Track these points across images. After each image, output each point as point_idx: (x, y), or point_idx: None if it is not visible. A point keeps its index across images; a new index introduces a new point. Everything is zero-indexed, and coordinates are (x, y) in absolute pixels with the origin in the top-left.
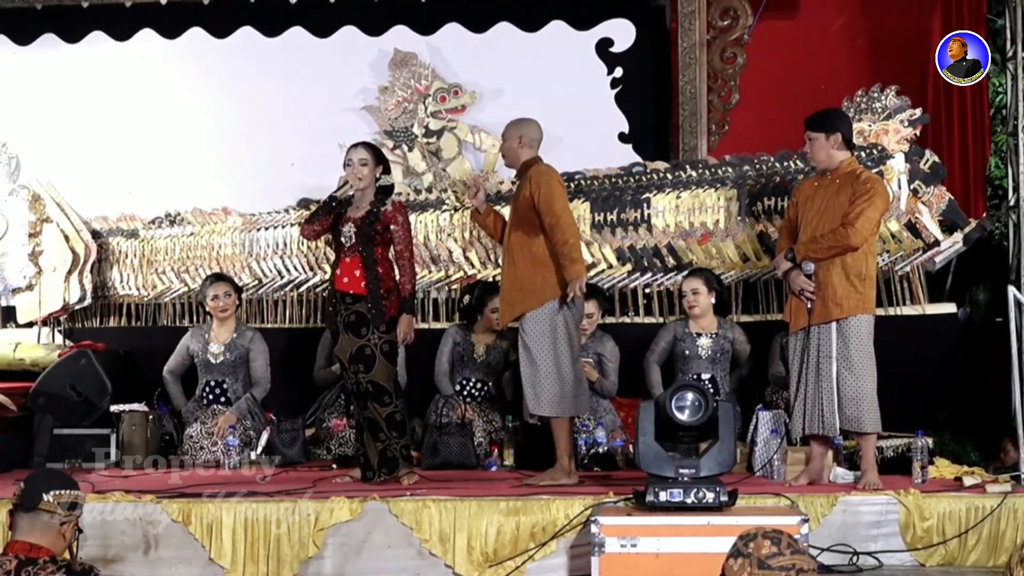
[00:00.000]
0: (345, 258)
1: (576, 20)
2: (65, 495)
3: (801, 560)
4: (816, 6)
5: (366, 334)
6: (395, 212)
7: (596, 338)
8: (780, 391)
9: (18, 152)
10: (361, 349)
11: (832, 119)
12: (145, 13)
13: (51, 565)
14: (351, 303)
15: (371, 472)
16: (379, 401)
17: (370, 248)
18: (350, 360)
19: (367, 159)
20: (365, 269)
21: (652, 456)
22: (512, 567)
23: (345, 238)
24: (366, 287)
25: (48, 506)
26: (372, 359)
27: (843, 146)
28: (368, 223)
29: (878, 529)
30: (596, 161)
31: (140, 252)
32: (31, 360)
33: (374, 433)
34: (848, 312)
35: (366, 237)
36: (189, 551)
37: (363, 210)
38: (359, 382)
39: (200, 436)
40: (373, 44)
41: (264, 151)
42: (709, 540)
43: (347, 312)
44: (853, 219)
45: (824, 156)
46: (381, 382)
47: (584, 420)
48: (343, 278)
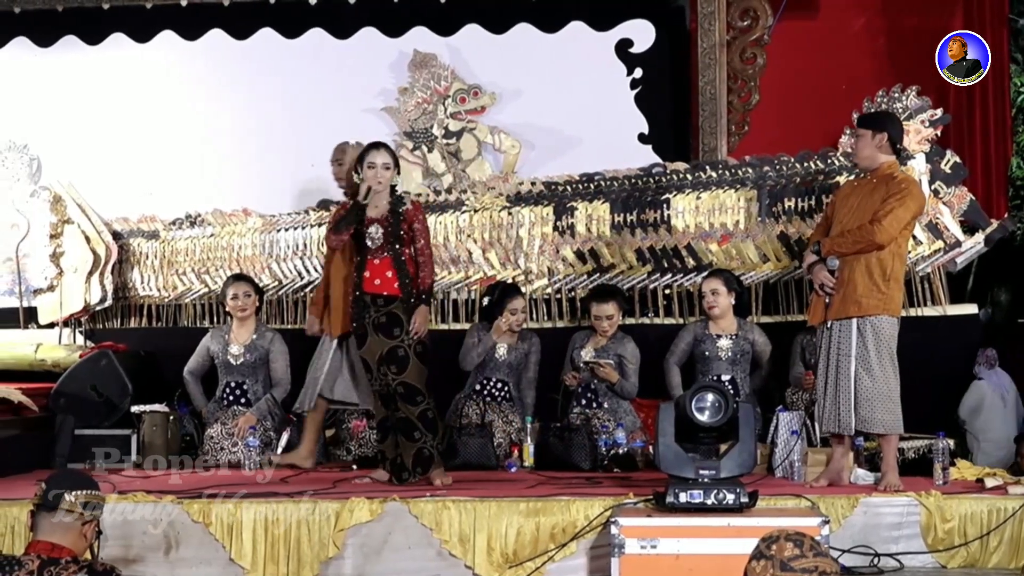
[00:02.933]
0: (373, 259)
1: (596, 21)
2: (86, 495)
3: (823, 563)
4: (836, 6)
5: (399, 335)
6: (415, 211)
7: (617, 339)
8: (800, 392)
9: (39, 153)
10: (394, 350)
11: (882, 119)
12: (165, 15)
13: (73, 565)
14: (383, 305)
15: (406, 472)
16: (411, 401)
17: (398, 248)
18: (380, 361)
19: (390, 162)
20: (397, 270)
21: (672, 457)
22: (532, 568)
23: (371, 240)
24: (399, 288)
25: (70, 506)
26: (405, 360)
27: (888, 149)
28: (395, 223)
29: (899, 531)
30: (616, 162)
31: (161, 253)
32: (52, 361)
33: (408, 433)
34: (867, 311)
35: (394, 237)
36: (209, 551)
37: (383, 210)
38: (389, 384)
39: (220, 437)
40: (393, 45)
41: (284, 152)
42: (729, 541)
43: (378, 314)
44: (881, 216)
45: (868, 154)
46: (413, 382)
47: (604, 421)
48: (373, 280)
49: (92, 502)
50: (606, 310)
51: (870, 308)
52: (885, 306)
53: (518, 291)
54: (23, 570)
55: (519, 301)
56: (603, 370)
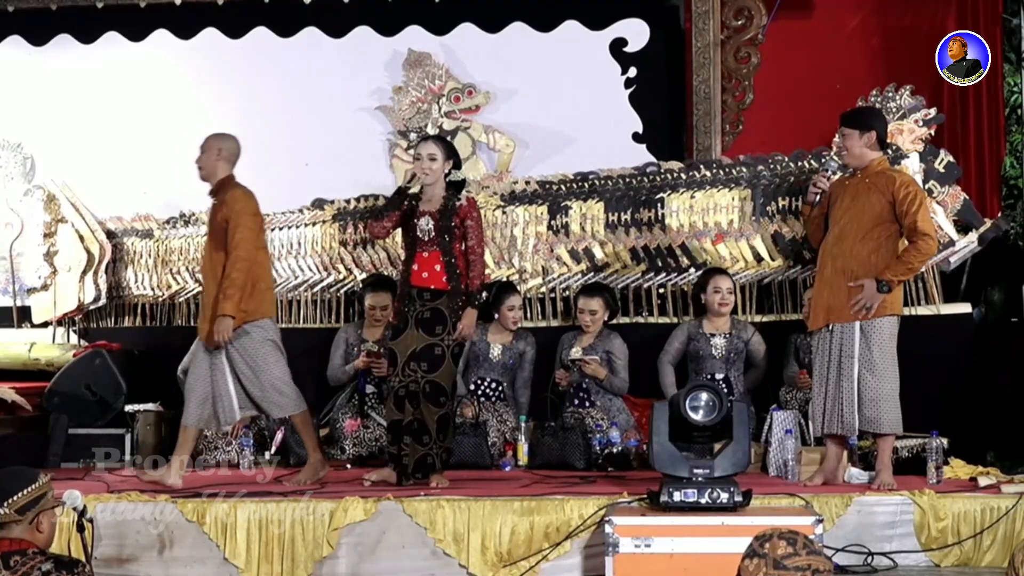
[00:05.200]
0: (423, 252)
1: (590, 20)
2: (21, 498)
3: (817, 561)
4: (831, 6)
5: (440, 333)
6: (470, 207)
7: (604, 336)
8: (795, 391)
9: (33, 152)
10: (430, 348)
11: (868, 117)
12: (160, 14)
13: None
14: (429, 299)
15: (406, 476)
16: (434, 402)
17: (449, 243)
18: (411, 357)
19: (436, 154)
20: (446, 264)
21: (666, 456)
22: (526, 567)
23: (422, 232)
24: (447, 282)
25: (5, 518)
26: (440, 359)
27: (876, 146)
28: (447, 217)
29: (893, 529)
30: (610, 161)
31: (155, 252)
32: (46, 360)
33: (418, 437)
34: (875, 313)
35: (445, 231)
36: (204, 551)
37: (437, 204)
38: (416, 380)
39: (214, 436)
40: (387, 44)
41: (278, 151)
42: (723, 540)
43: (423, 308)
44: (919, 228)
45: (857, 153)
46: (442, 383)
47: (598, 420)
48: (422, 273)
49: (30, 501)
50: (590, 304)
51: (877, 311)
52: (889, 306)
53: (514, 289)
54: None
55: (515, 299)
56: (590, 367)
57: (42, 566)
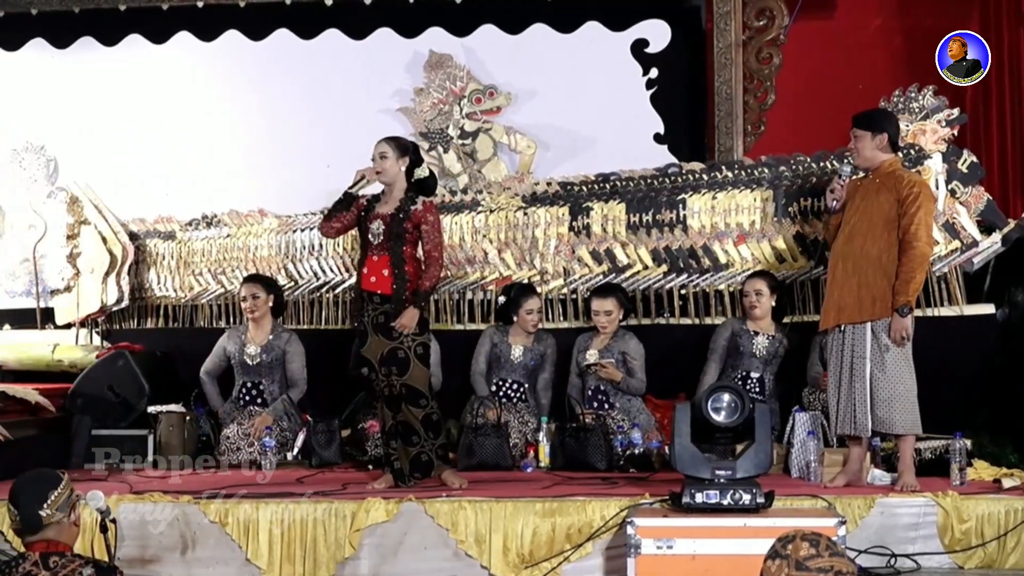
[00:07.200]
0: (373, 256)
1: (611, 21)
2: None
3: (840, 563)
4: (853, 6)
5: (398, 336)
6: (425, 211)
7: (619, 337)
8: (817, 392)
9: (56, 154)
10: (393, 352)
11: (880, 119)
12: (181, 16)
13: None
14: (379, 303)
15: (403, 479)
16: (415, 404)
17: (399, 246)
18: (381, 362)
19: (386, 152)
20: (393, 268)
21: (688, 457)
22: (548, 568)
23: (373, 235)
24: (393, 287)
25: (48, 519)
26: (406, 362)
27: (888, 148)
28: (398, 220)
29: (916, 531)
30: (631, 162)
31: (177, 254)
32: (69, 361)
33: (406, 438)
34: (884, 314)
35: (395, 235)
36: (226, 551)
37: (394, 206)
38: (391, 385)
39: (237, 437)
40: (408, 46)
41: (300, 153)
42: (745, 542)
43: (375, 312)
44: (912, 232)
45: (868, 155)
46: (416, 385)
47: (620, 421)
48: (370, 277)
49: (63, 499)
50: (605, 305)
51: (887, 311)
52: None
53: (534, 291)
54: (28, 562)
55: (535, 301)
56: (605, 371)
57: (83, 570)
